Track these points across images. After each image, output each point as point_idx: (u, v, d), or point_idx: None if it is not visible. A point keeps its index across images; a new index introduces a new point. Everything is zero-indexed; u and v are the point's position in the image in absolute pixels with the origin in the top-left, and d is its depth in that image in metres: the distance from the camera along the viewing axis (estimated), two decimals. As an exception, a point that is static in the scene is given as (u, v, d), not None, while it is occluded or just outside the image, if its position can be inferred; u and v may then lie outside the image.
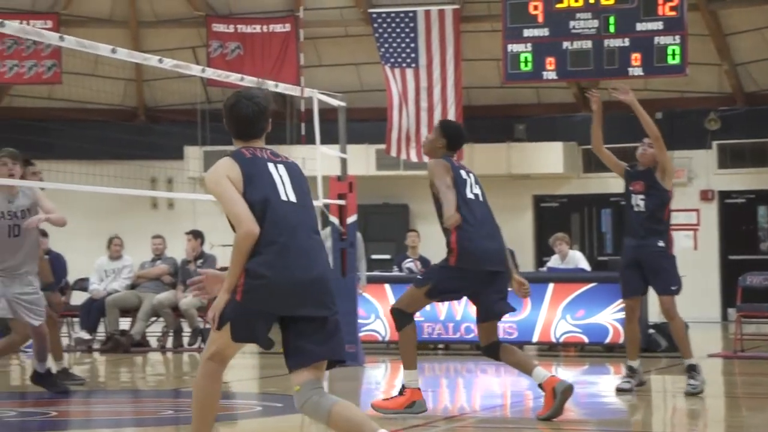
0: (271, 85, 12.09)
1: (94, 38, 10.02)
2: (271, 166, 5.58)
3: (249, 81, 11.28)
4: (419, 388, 8.32)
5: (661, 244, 9.78)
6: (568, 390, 8.06)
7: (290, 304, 5.41)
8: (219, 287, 5.52)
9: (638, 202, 9.86)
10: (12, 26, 8.42)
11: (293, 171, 5.66)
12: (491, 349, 8.32)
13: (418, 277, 8.58)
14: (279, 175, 5.56)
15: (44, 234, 13.16)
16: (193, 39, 21.85)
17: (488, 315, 8.33)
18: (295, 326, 5.47)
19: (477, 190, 8.42)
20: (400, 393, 8.30)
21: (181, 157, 21.27)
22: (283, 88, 12.56)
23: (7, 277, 9.47)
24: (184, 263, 16.02)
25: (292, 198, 5.52)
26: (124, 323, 15.77)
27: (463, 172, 8.41)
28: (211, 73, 10.95)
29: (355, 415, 5.38)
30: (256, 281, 5.36)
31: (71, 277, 16.28)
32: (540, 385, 8.13)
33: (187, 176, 21.12)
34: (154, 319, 15.85)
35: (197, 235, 16.20)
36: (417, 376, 8.32)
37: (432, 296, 8.48)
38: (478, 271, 8.20)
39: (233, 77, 11.33)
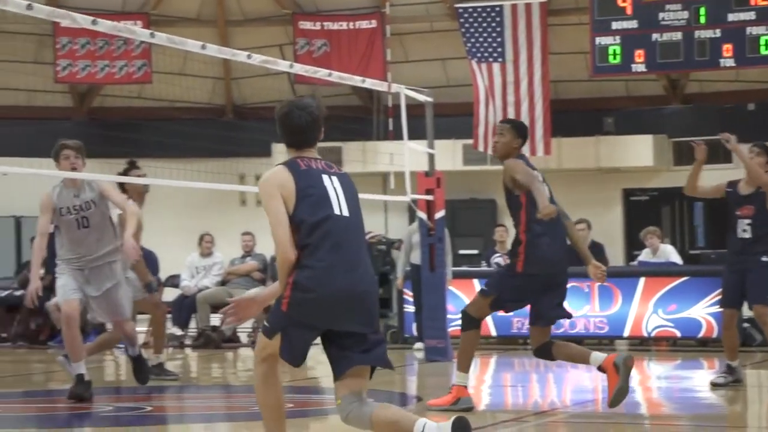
0: (358, 81, 12.11)
1: (182, 37, 10.11)
2: (325, 177, 5.64)
3: (336, 77, 11.30)
4: (465, 386, 8.38)
5: (764, 258, 9.60)
6: (629, 359, 7.83)
7: (335, 320, 5.44)
8: (252, 311, 5.56)
9: (745, 227, 9.64)
10: (105, 24, 8.53)
11: (346, 183, 5.71)
12: (543, 350, 8.26)
13: (484, 288, 8.46)
14: (333, 187, 5.62)
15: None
16: (280, 37, 21.97)
17: (544, 320, 8.31)
18: (338, 339, 5.49)
19: (548, 191, 8.35)
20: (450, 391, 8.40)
21: (269, 154, 21.39)
22: (370, 83, 12.56)
23: (85, 269, 9.34)
24: (273, 259, 16.14)
25: (345, 212, 5.57)
26: (215, 319, 15.93)
27: (536, 173, 8.35)
28: (299, 68, 11.01)
29: (393, 413, 5.39)
30: (303, 294, 5.41)
31: (163, 274, 16.47)
32: (600, 368, 7.97)
33: (275, 173, 21.28)
34: (244, 314, 15.99)
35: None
36: (466, 378, 8.36)
37: (496, 307, 8.42)
38: (545, 275, 8.12)
39: (321, 73, 11.37)
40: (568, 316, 8.46)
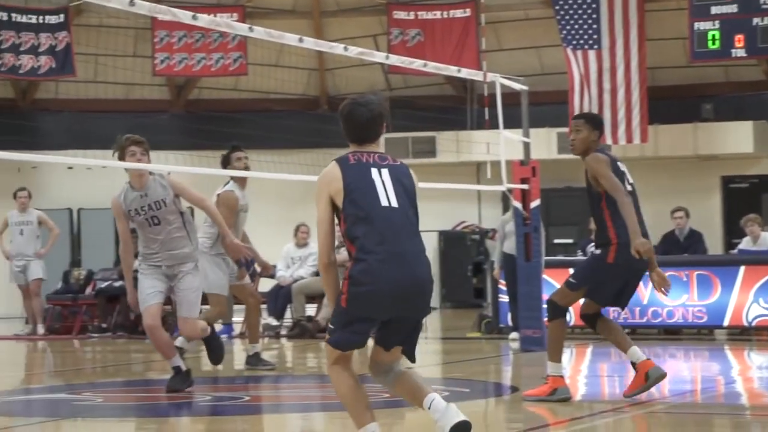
0: (453, 71, 12.06)
1: (277, 29, 10.17)
2: (374, 171, 5.73)
3: (432, 67, 11.27)
4: (562, 376, 8.29)
5: None
6: (660, 378, 8.07)
7: (391, 309, 5.62)
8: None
9: None
10: (204, 18, 8.63)
11: (397, 174, 5.78)
12: (591, 318, 8.27)
13: (571, 279, 8.32)
14: (382, 180, 5.71)
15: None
16: (374, 27, 22.01)
17: (619, 305, 8.37)
18: (388, 322, 5.70)
19: (632, 180, 8.25)
20: (546, 382, 8.29)
21: (363, 145, 21.49)
22: (466, 73, 12.50)
23: (162, 264, 9.02)
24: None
25: (394, 203, 5.68)
26: (311, 309, 16.01)
27: (620, 164, 8.25)
28: (395, 59, 10.98)
29: (414, 381, 5.73)
30: (357, 289, 5.57)
31: (258, 265, 16.60)
32: (634, 364, 8.14)
33: (369, 163, 21.32)
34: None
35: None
36: (560, 368, 8.28)
37: (595, 299, 8.30)
38: (636, 264, 8.01)
39: (417, 63, 11.34)
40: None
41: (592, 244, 15.83)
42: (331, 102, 22.63)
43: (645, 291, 13.69)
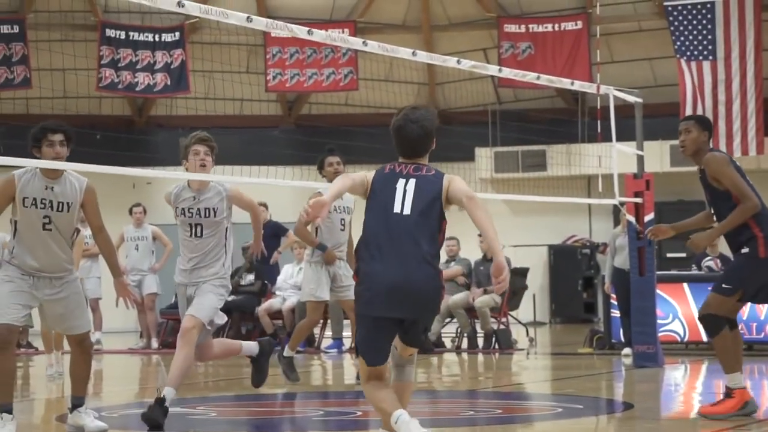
0: (566, 84, 11.93)
1: (388, 43, 10.19)
2: (401, 180, 5.91)
3: (544, 80, 11.15)
4: (745, 388, 7.94)
5: None
6: (753, 412, 7.78)
7: (386, 309, 5.78)
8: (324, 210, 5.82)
9: None
10: (319, 33, 8.68)
11: (423, 185, 5.90)
12: (716, 321, 7.92)
13: (724, 286, 8.03)
14: (404, 189, 5.88)
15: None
16: (484, 41, 21.96)
17: (758, 300, 8.16)
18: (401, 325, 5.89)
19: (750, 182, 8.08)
20: (727, 396, 7.96)
21: (473, 158, 21.42)
22: (579, 85, 12.37)
23: (192, 280, 8.46)
24: (477, 264, 16.09)
25: (407, 211, 5.84)
26: (421, 323, 15.99)
27: (736, 162, 8.10)
28: (507, 72, 10.90)
29: (387, 394, 5.85)
30: (359, 287, 5.87)
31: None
32: (729, 389, 7.82)
33: (479, 177, 21.25)
34: (448, 320, 15.99)
35: (490, 235, 16.22)
36: (741, 378, 7.96)
37: (749, 299, 8.08)
38: None
39: (529, 76, 11.25)
40: None
41: (708, 258, 15.57)
42: (441, 115, 22.60)
43: (763, 306, 13.38)
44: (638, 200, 12.26)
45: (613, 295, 14.37)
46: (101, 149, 8.75)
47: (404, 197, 5.85)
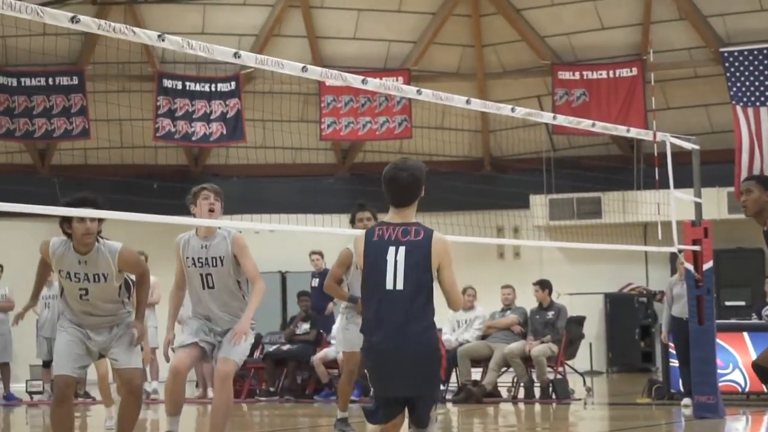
0: (622, 131, 11.86)
1: (442, 91, 10.19)
2: (391, 250, 6.00)
3: (600, 127, 11.09)
4: None
5: None
6: None
7: (387, 388, 5.99)
8: None
9: None
10: (374, 82, 8.71)
11: (413, 252, 5.99)
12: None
13: None
14: (395, 260, 5.98)
15: None
16: (538, 88, 21.94)
17: None
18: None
19: None
20: None
21: (527, 206, 21.34)
22: (635, 133, 12.30)
23: (215, 326, 8.32)
24: (533, 313, 15.97)
25: (399, 286, 5.96)
26: (476, 373, 15.86)
27: None
28: (562, 120, 10.86)
29: None
30: (367, 362, 6.05)
31: (424, 327, 16.55)
32: None
33: (533, 224, 21.15)
34: (504, 369, 15.85)
35: (545, 285, 16.09)
36: None
37: None
38: None
39: (584, 123, 11.19)
40: None
41: (768, 307, 15.36)
42: (494, 163, 22.59)
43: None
44: (696, 248, 12.11)
45: (672, 345, 14.19)
46: (157, 199, 8.79)
47: (395, 271, 5.97)
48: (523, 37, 21.44)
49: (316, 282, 17.38)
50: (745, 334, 13.87)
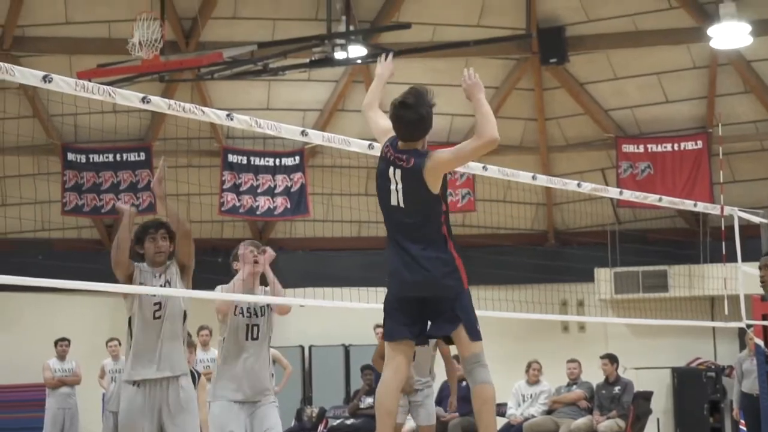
0: (689, 205, 11.79)
1: (505, 164, 10.21)
2: (391, 169, 6.36)
3: (666, 201, 11.02)
4: None
5: None
6: None
7: (407, 290, 6.29)
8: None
9: None
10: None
11: (406, 179, 6.31)
12: None
13: None
14: (396, 179, 6.34)
15: None
16: (602, 161, 21.89)
17: None
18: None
19: None
20: None
21: (591, 279, 21.18)
22: (702, 207, 12.22)
23: (245, 392, 8.20)
24: (599, 388, 15.80)
25: (401, 203, 6.33)
26: (541, 448, 15.70)
27: None
28: (628, 194, 10.80)
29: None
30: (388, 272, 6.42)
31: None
32: None
33: (598, 298, 20.97)
34: (571, 444, 15.67)
35: (613, 359, 15.94)
36: None
37: None
38: None
39: (651, 198, 11.13)
40: None
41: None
42: (559, 237, 22.49)
43: None
44: (766, 323, 11.94)
45: (742, 421, 13.94)
46: (222, 275, 8.85)
47: (397, 190, 6.34)
48: (586, 111, 21.45)
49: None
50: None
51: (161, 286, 7.50)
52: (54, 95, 6.39)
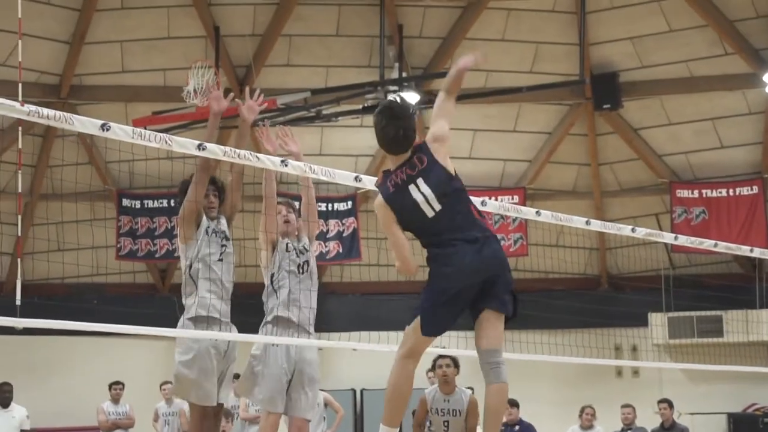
0: (746, 251, 11.72)
1: (558, 209, 10.22)
2: (411, 188, 6.13)
3: (722, 247, 10.94)
4: None
5: None
6: None
7: (466, 278, 6.12)
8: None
9: None
10: (493, 204, 8.79)
11: (431, 177, 6.13)
12: None
13: None
14: (421, 192, 6.12)
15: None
16: (655, 206, 21.78)
17: None
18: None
19: None
20: None
21: (645, 324, 21.02)
22: (759, 252, 12.13)
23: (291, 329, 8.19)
24: (654, 433, 15.68)
25: (437, 207, 6.11)
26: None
27: None
28: (684, 240, 10.74)
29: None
30: (438, 267, 6.13)
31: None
32: None
33: (652, 343, 20.81)
34: (625, 491, 15.52)
35: (671, 404, 15.83)
36: None
37: None
38: None
39: (707, 243, 11.06)
40: None
41: None
42: (612, 282, 22.37)
43: None
44: (824, 368, 11.81)
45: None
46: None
47: (427, 200, 6.12)
48: (640, 156, 21.38)
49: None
50: None
51: (216, 234, 7.86)
52: (111, 143, 6.51)
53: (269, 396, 7.93)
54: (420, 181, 6.13)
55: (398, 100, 6.34)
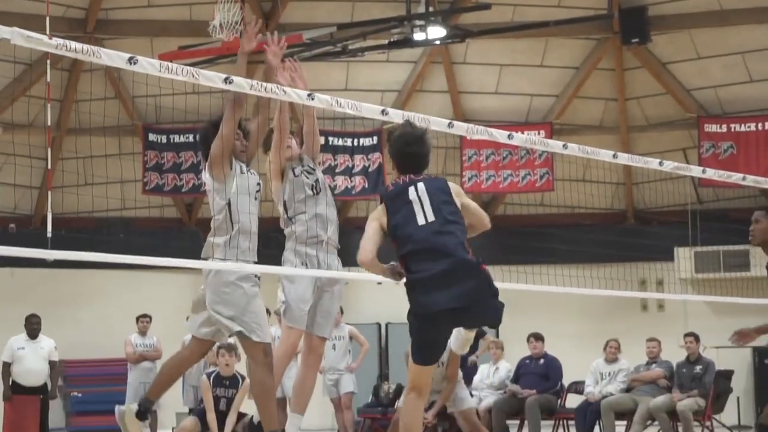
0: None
1: (584, 144, 10.18)
2: (411, 189, 6.34)
3: (750, 180, 10.91)
4: None
5: None
6: None
7: (445, 301, 6.12)
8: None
9: None
10: (519, 137, 8.77)
11: (433, 184, 6.39)
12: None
13: None
14: (418, 195, 6.32)
15: None
16: (683, 140, 21.69)
17: None
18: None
19: None
20: None
21: (672, 259, 21.02)
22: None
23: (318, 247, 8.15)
24: (680, 366, 15.72)
25: (430, 217, 6.26)
26: (620, 427, 15.64)
27: None
28: (711, 173, 10.70)
29: None
30: (416, 296, 6.26)
31: (566, 380, 16.43)
32: None
33: (678, 277, 20.81)
34: (650, 422, 15.60)
35: (697, 337, 15.90)
36: None
37: None
38: None
39: (735, 177, 11.01)
40: None
41: None
42: (638, 216, 22.35)
43: None
44: None
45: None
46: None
47: (422, 205, 6.28)
48: (668, 90, 21.25)
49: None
50: None
51: (251, 173, 7.98)
52: (138, 77, 6.53)
53: (298, 315, 7.99)
54: (420, 185, 6.35)
55: (414, 125, 6.70)
